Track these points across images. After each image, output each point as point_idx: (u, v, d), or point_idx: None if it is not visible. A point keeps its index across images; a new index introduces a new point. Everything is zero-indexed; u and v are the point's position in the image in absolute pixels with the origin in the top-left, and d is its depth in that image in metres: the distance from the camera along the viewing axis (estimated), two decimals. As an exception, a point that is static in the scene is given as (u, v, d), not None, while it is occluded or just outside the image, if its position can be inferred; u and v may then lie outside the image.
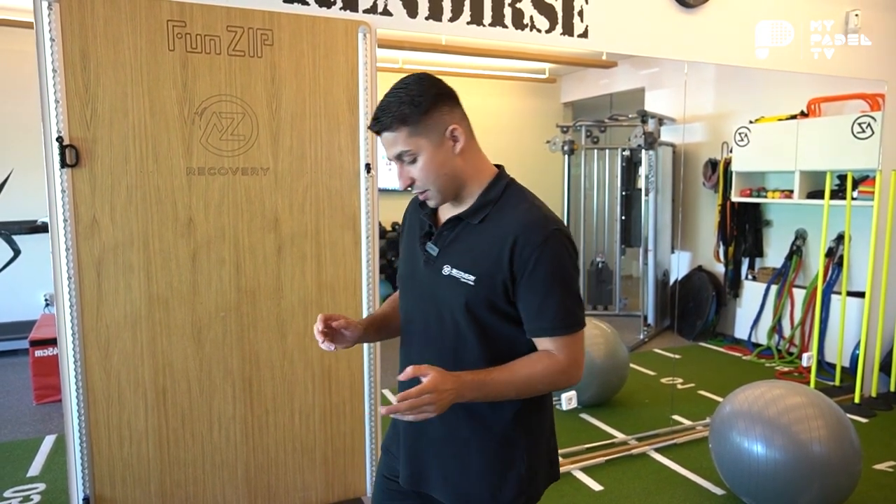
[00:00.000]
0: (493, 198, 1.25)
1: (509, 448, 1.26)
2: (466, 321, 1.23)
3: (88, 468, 2.19)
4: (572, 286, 1.21)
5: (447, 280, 1.24)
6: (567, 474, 2.96)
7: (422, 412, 1.09)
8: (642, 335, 5.46)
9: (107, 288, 2.17)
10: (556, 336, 1.20)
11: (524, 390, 1.19)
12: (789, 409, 2.52)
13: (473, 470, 1.27)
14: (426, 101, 1.17)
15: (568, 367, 1.20)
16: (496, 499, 1.26)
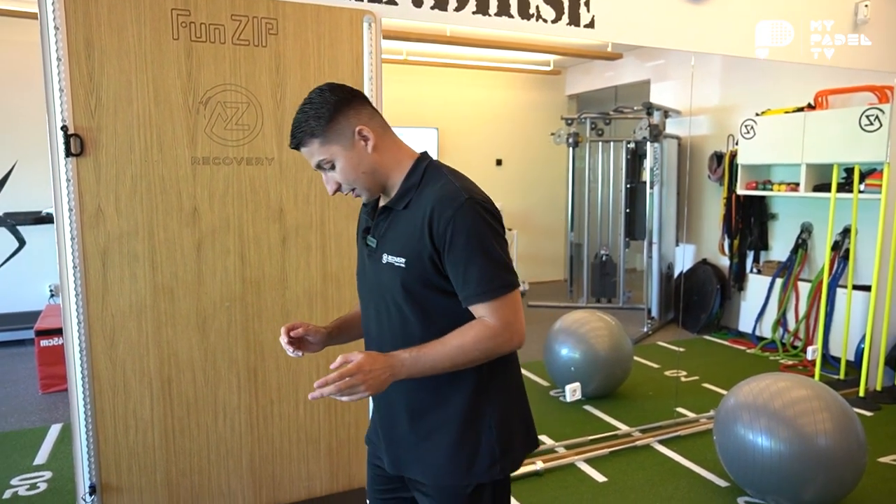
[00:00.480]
0: (414, 182, 1.30)
1: (476, 421, 1.29)
2: (406, 302, 1.28)
3: (95, 456, 2.20)
4: (493, 251, 1.22)
5: (386, 268, 1.30)
6: (571, 465, 2.97)
7: (353, 392, 1.15)
8: (646, 328, 5.46)
9: (112, 277, 2.17)
10: (483, 302, 1.22)
11: (461, 359, 1.21)
12: (794, 402, 2.51)
13: (444, 447, 1.30)
14: (328, 112, 1.24)
15: (501, 331, 1.21)
16: (470, 472, 1.29)
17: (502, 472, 1.31)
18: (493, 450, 1.29)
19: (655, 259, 5.70)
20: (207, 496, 2.37)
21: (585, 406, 3.70)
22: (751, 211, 5.24)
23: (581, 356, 3.66)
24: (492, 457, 1.29)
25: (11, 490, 2.77)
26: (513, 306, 1.23)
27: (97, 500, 2.22)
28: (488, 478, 1.29)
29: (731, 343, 5.12)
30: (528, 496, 2.68)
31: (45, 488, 2.78)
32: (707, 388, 4.04)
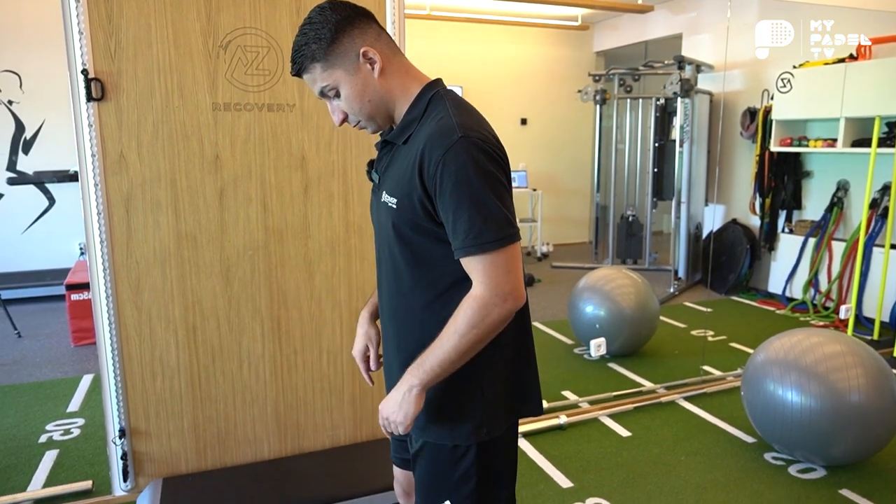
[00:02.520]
0: (417, 115, 1.18)
1: (465, 378, 1.19)
2: (398, 247, 1.20)
3: (123, 402, 2.24)
4: (484, 199, 1.07)
5: (384, 207, 1.21)
6: (594, 420, 2.95)
7: (397, 426, 1.17)
8: (672, 289, 5.38)
9: (136, 224, 2.17)
10: (470, 256, 1.09)
11: (465, 344, 1.10)
12: (827, 357, 2.45)
13: (431, 401, 1.22)
14: (329, 32, 1.13)
15: (490, 298, 1.08)
16: (454, 431, 1.22)
17: (489, 435, 1.22)
18: (482, 411, 1.21)
19: (683, 219, 5.57)
20: (234, 442, 2.40)
21: (610, 364, 3.67)
22: (784, 168, 5.08)
23: (606, 314, 3.61)
24: (479, 418, 1.21)
25: (46, 434, 2.85)
26: (504, 265, 1.09)
27: (127, 444, 2.26)
28: (474, 439, 1.21)
29: (760, 304, 5.03)
30: (550, 449, 2.67)
31: (77, 434, 2.86)
32: (734, 348, 3.97)
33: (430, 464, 1.26)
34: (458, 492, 1.25)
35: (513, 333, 1.24)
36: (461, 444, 1.23)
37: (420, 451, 1.27)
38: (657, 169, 6.05)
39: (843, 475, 2.47)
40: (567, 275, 5.95)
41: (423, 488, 1.29)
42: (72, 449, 2.71)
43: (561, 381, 3.39)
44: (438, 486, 1.26)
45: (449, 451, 1.24)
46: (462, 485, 1.24)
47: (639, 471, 2.51)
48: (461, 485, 1.24)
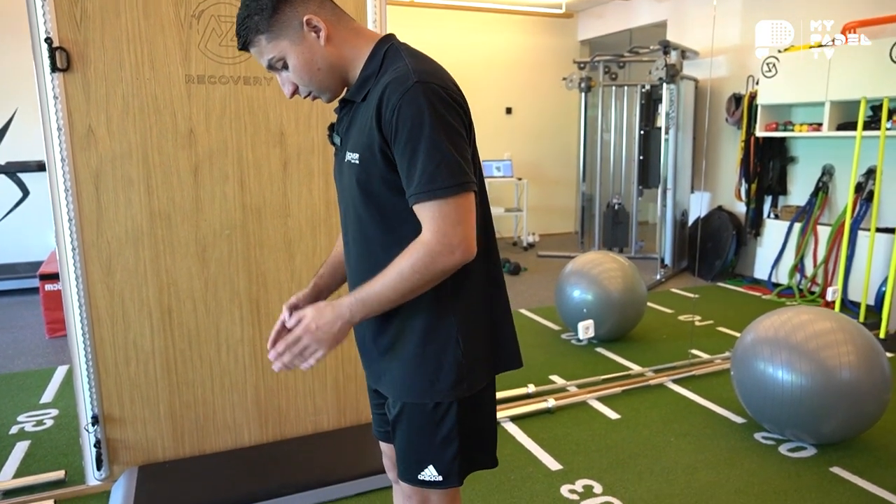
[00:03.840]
0: (373, 70, 1.14)
1: (440, 332, 1.16)
2: (364, 205, 1.16)
3: (96, 387, 2.15)
4: (438, 145, 1.04)
5: (347, 166, 1.17)
6: (583, 403, 2.91)
7: (308, 356, 1.11)
8: (659, 276, 5.35)
9: (106, 202, 2.08)
10: (420, 203, 1.06)
11: (404, 286, 1.07)
12: (818, 335, 2.42)
13: (407, 360, 1.18)
14: (270, 3, 1.10)
15: (435, 245, 1.05)
16: (434, 386, 1.17)
17: (469, 390, 1.19)
18: (459, 365, 1.17)
19: (669, 206, 5.55)
20: (212, 429, 2.32)
21: (597, 348, 3.63)
22: (770, 154, 5.07)
23: (594, 298, 3.57)
24: (458, 373, 1.17)
25: (18, 426, 2.75)
26: (453, 214, 1.05)
27: (100, 431, 2.18)
28: (454, 396, 1.17)
29: (747, 290, 5.02)
30: (538, 432, 2.62)
31: (51, 424, 2.76)
32: (722, 332, 3.95)
33: (410, 427, 1.21)
34: (442, 455, 1.19)
35: (484, 287, 1.22)
36: (442, 401, 1.18)
37: (399, 415, 1.22)
38: (643, 157, 6.02)
39: (834, 453, 2.44)
40: (553, 263, 5.91)
41: (405, 455, 1.23)
42: (44, 440, 2.62)
43: (548, 366, 3.34)
44: (421, 450, 1.21)
45: (430, 412, 1.18)
46: (445, 447, 1.19)
47: (628, 452, 2.47)
48: (444, 447, 1.19)
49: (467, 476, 1.24)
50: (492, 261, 1.24)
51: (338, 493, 2.15)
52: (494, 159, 6.78)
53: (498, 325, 1.26)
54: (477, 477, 2.28)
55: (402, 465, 1.24)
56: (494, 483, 2.25)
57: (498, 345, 1.26)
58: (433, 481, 1.21)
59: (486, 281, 1.23)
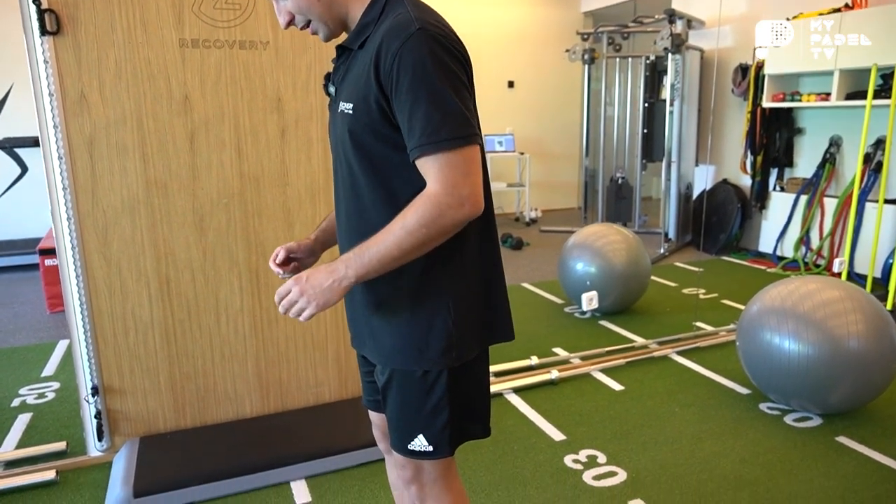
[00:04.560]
0: (373, 17, 1.09)
1: (432, 298, 1.12)
2: (355, 157, 1.11)
3: (94, 358, 2.13)
4: (442, 95, 0.99)
5: (341, 116, 1.12)
6: (586, 375, 2.89)
7: (299, 309, 1.06)
8: (662, 250, 5.31)
9: (101, 170, 2.04)
10: (425, 156, 1.00)
11: (409, 242, 1.02)
12: (825, 304, 2.38)
13: (396, 325, 1.15)
14: None
15: (444, 197, 0.99)
16: (423, 354, 1.13)
17: (459, 359, 1.14)
18: (449, 333, 1.12)
19: (674, 180, 5.48)
20: (213, 399, 2.31)
21: (601, 321, 3.60)
22: (776, 125, 4.99)
23: (597, 270, 3.53)
24: (448, 340, 1.12)
25: (20, 398, 2.74)
26: (462, 165, 1.00)
27: (100, 402, 2.16)
28: (443, 364, 1.13)
29: (751, 263, 4.98)
30: (541, 404, 2.61)
31: (52, 397, 2.75)
32: (726, 304, 3.92)
33: (400, 394, 1.18)
34: (432, 425, 1.16)
35: (479, 252, 1.17)
36: (431, 369, 1.14)
37: (388, 382, 1.18)
38: (647, 130, 5.94)
39: (840, 423, 2.42)
40: (556, 238, 5.87)
41: (395, 423, 1.20)
42: (46, 412, 2.61)
43: (551, 339, 3.32)
44: (411, 420, 1.18)
45: (419, 380, 1.15)
46: (435, 416, 1.16)
47: (632, 423, 2.45)
48: (434, 416, 1.16)
49: (460, 446, 1.21)
50: (487, 228, 1.19)
51: (339, 463, 2.14)
52: (496, 134, 6.69)
53: (490, 292, 1.22)
54: (479, 447, 2.27)
55: (393, 434, 1.21)
56: (497, 453, 2.24)
57: (491, 314, 1.21)
58: (424, 451, 1.18)
59: (481, 248, 1.18)
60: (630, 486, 2.05)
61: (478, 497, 1.98)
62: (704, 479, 2.08)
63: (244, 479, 2.03)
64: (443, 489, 1.25)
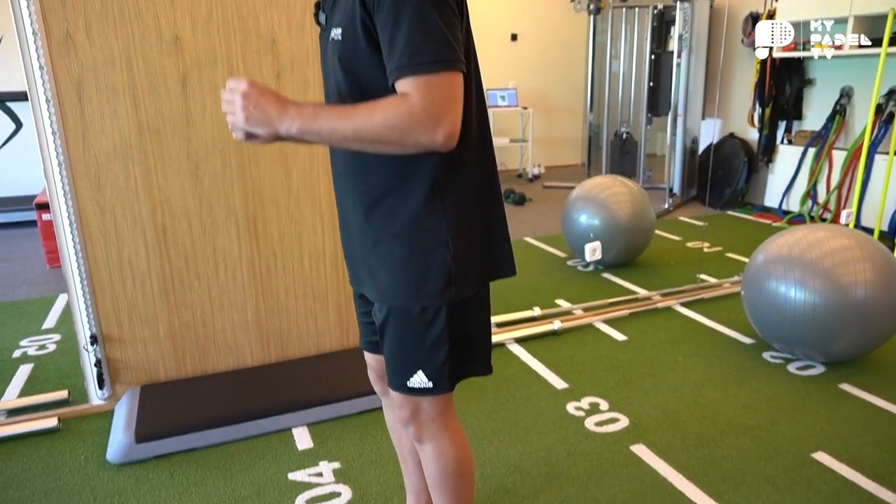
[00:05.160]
0: None
1: (430, 234, 1.09)
2: (346, 84, 1.05)
3: (92, 306, 2.11)
4: (426, 15, 0.93)
5: (331, 44, 1.07)
6: (589, 326, 2.87)
7: (233, 122, 1.00)
8: (667, 205, 5.25)
9: (91, 114, 1.98)
10: (404, 78, 0.94)
11: (366, 131, 0.94)
12: (833, 252, 2.34)
13: (395, 263, 1.11)
14: None
15: (420, 113, 0.92)
16: (421, 290, 1.10)
17: (458, 296, 1.12)
18: (447, 269, 1.09)
19: (679, 134, 5.38)
20: (213, 349, 2.30)
21: (604, 273, 3.58)
22: (786, 76, 4.86)
23: (601, 223, 3.49)
24: (447, 276, 1.09)
25: (20, 350, 2.74)
26: (443, 90, 0.94)
27: (100, 351, 2.15)
28: (442, 300, 1.10)
29: (757, 217, 4.92)
30: (544, 353, 2.60)
31: (53, 349, 2.75)
32: (731, 258, 3.88)
33: (398, 331, 1.15)
34: (431, 360, 1.14)
35: (478, 187, 1.14)
36: (430, 305, 1.11)
37: (386, 319, 1.15)
38: (653, 83, 5.79)
39: (843, 371, 2.41)
40: (559, 194, 5.80)
41: (394, 360, 1.17)
42: (47, 363, 2.61)
43: (554, 291, 3.29)
44: (410, 356, 1.15)
45: (417, 316, 1.12)
46: (434, 352, 1.14)
47: (635, 371, 2.44)
48: (433, 352, 1.14)
49: (459, 384, 1.19)
50: (487, 160, 1.15)
51: (341, 410, 2.14)
52: (499, 88, 6.55)
53: (491, 228, 1.18)
54: (481, 395, 2.26)
55: (391, 372, 1.19)
56: (499, 401, 2.23)
57: (490, 250, 1.18)
58: (423, 388, 1.16)
59: (481, 181, 1.14)
60: (632, 431, 2.04)
61: (479, 443, 1.99)
62: (706, 424, 2.07)
63: (246, 425, 2.03)
64: (441, 428, 1.23)
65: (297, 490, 1.78)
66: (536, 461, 1.90)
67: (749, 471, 1.83)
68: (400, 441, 1.50)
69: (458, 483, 1.27)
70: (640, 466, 1.86)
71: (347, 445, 1.99)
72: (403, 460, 1.52)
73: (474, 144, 1.11)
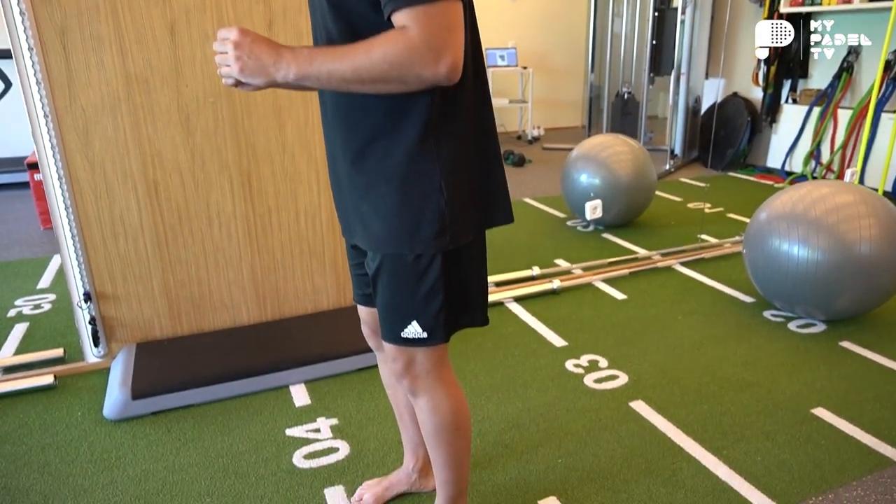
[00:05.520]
0: None
1: (423, 179, 1.04)
2: (334, 23, 1.00)
3: (85, 263, 2.07)
4: None
5: None
6: (588, 285, 2.85)
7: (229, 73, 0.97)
8: (668, 166, 5.18)
9: (76, 64, 1.91)
10: (398, 11, 0.88)
11: (365, 72, 0.91)
12: (838, 208, 2.30)
13: (387, 209, 1.06)
14: None
15: (419, 45, 0.88)
16: (414, 238, 1.06)
17: (453, 243, 1.08)
18: (441, 215, 1.05)
19: (682, 94, 5.28)
20: (209, 307, 2.27)
21: (604, 234, 3.54)
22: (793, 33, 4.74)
23: (601, 182, 3.43)
24: (441, 222, 1.05)
25: (15, 309, 2.72)
26: (441, 19, 0.88)
27: (94, 308, 2.13)
28: (436, 248, 1.07)
29: (759, 178, 4.87)
30: (542, 312, 2.58)
31: (48, 308, 2.72)
32: (732, 218, 3.85)
33: (391, 280, 1.11)
34: (426, 310, 1.11)
35: (473, 129, 1.09)
36: (424, 253, 1.07)
37: (379, 269, 1.12)
38: (655, 41, 5.66)
39: (844, 328, 2.40)
40: (559, 155, 5.72)
41: (387, 310, 1.14)
42: (43, 322, 2.59)
43: (553, 251, 3.26)
44: (403, 306, 1.12)
45: (411, 264, 1.08)
46: (429, 301, 1.10)
47: (634, 330, 2.43)
48: (428, 301, 1.10)
49: (455, 334, 1.16)
50: (482, 101, 1.10)
51: (339, 367, 2.13)
52: (498, 47, 6.41)
53: (487, 174, 1.13)
54: (479, 352, 2.25)
55: (385, 323, 1.16)
56: (497, 358, 2.22)
57: (486, 196, 1.14)
58: (418, 338, 1.13)
59: (476, 123, 1.09)
60: (631, 388, 2.04)
61: (477, 400, 1.98)
62: (706, 381, 2.07)
63: (243, 382, 2.02)
64: (436, 380, 1.21)
65: (295, 445, 1.78)
66: (535, 417, 1.89)
67: (749, 426, 1.83)
68: (396, 396, 1.49)
69: (453, 436, 1.26)
70: (639, 422, 1.86)
71: (345, 402, 1.98)
72: (400, 415, 1.51)
73: (469, 84, 1.05)
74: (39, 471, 1.69)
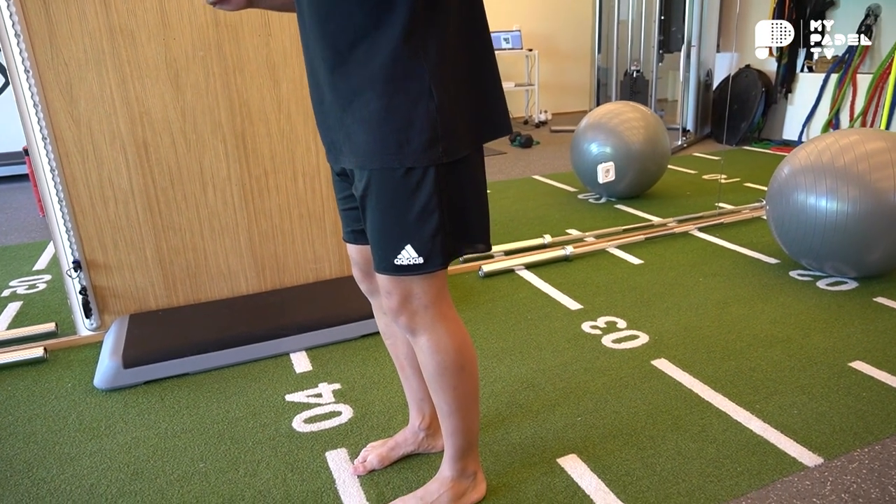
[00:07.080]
0: None
1: (411, 81, 0.94)
2: None
3: (73, 229, 1.97)
4: None
5: None
6: (602, 251, 2.72)
7: None
8: (680, 142, 5.04)
9: (57, 15, 1.81)
10: None
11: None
12: (867, 156, 2.16)
13: (371, 117, 0.95)
14: None
15: None
16: (403, 148, 0.96)
17: (447, 156, 0.97)
18: (433, 122, 0.95)
19: (693, 68, 5.14)
20: (206, 276, 2.17)
21: (616, 205, 3.41)
22: (808, -1, 4.59)
23: (613, 150, 3.31)
24: (432, 130, 0.95)
25: (10, 290, 2.63)
26: None
27: (85, 278, 2.03)
28: (428, 160, 0.96)
29: (775, 151, 4.71)
30: (556, 278, 2.45)
31: (43, 288, 2.63)
32: (750, 187, 3.70)
33: (381, 200, 1.00)
34: (420, 232, 1.00)
35: (465, 29, 0.98)
36: (415, 166, 0.96)
37: (367, 190, 1.00)
38: (664, 16, 5.51)
39: (877, 285, 2.26)
40: (567, 137, 5.57)
41: (378, 235, 1.03)
42: (36, 300, 2.50)
43: (564, 221, 3.14)
44: (396, 228, 1.01)
45: (402, 179, 0.97)
46: (423, 221, 0.99)
47: (653, 292, 2.30)
48: (422, 222, 0.99)
49: (455, 260, 1.05)
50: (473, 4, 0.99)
51: (341, 334, 2.02)
52: (503, 30, 6.30)
53: (481, 80, 1.02)
54: (490, 317, 2.14)
55: (376, 252, 1.04)
56: (510, 322, 2.10)
57: (482, 105, 1.03)
58: (413, 264, 1.02)
59: (468, 22, 0.98)
60: (653, 347, 1.91)
61: (489, 362, 1.86)
62: (733, 338, 1.93)
63: (240, 349, 1.91)
64: (436, 315, 1.09)
65: (296, 410, 1.67)
66: (551, 377, 1.77)
67: (781, 381, 1.70)
68: (395, 346, 1.37)
69: (458, 377, 1.13)
70: (663, 379, 1.73)
71: (348, 368, 1.87)
72: (401, 368, 1.39)
73: None
74: (25, 440, 1.59)
